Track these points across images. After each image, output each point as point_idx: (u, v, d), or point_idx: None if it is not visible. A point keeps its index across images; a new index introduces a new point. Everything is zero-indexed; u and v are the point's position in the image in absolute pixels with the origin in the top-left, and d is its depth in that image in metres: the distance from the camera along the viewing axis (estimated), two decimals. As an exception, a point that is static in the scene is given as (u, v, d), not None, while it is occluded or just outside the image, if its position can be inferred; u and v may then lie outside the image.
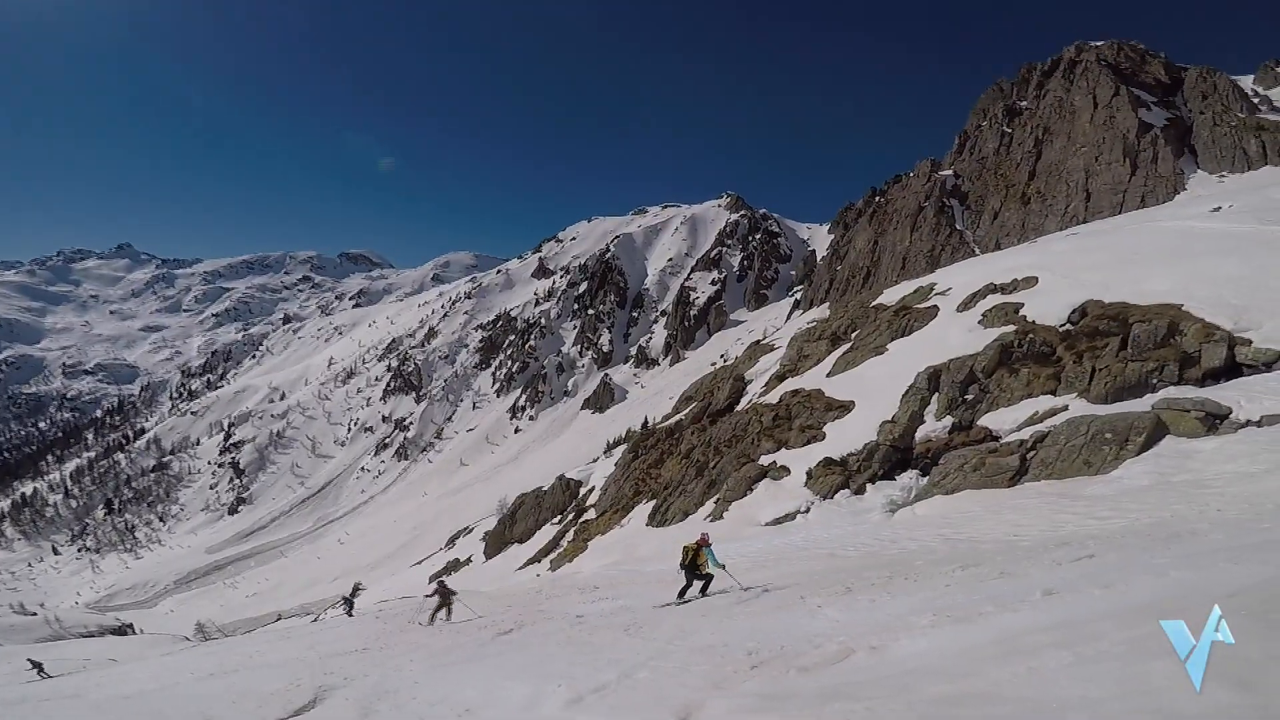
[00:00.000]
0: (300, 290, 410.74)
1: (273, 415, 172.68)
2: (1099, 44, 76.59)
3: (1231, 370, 15.91)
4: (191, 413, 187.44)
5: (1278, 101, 66.39)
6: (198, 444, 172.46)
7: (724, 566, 10.89)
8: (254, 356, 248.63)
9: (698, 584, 11.23)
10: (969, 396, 20.53)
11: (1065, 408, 17.08)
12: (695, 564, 11.12)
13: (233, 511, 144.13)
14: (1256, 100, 65.61)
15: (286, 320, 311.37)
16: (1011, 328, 22.39)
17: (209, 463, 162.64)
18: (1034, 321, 22.20)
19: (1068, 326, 21.10)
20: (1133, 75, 71.23)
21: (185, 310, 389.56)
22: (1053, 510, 11.51)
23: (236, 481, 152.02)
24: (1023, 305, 23.79)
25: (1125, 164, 64.06)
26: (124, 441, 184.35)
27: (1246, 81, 71.45)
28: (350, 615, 23.76)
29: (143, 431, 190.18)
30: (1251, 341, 16.23)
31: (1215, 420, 12.91)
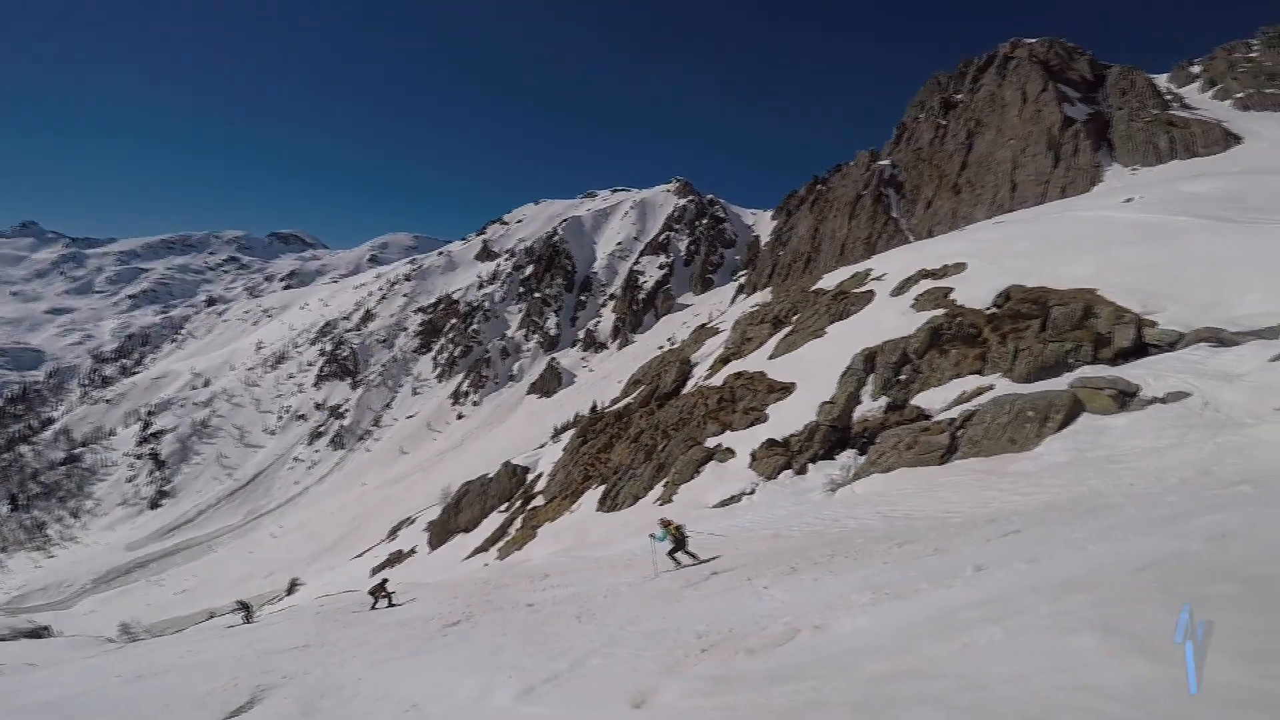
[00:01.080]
0: (225, 271, 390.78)
1: (196, 403, 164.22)
2: (1032, 41, 79.85)
3: (1140, 350, 16.99)
4: (105, 401, 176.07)
5: (1189, 99, 70.74)
6: (113, 434, 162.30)
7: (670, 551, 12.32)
8: (175, 341, 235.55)
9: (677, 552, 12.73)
10: (902, 377, 21.32)
11: (991, 387, 17.93)
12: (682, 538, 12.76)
13: (154, 506, 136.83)
14: (1170, 98, 69.73)
15: (210, 302, 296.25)
16: (942, 311, 23.32)
17: (126, 454, 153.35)
18: (962, 305, 23.21)
19: (993, 310, 22.13)
20: (1060, 71, 74.56)
21: (97, 292, 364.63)
22: (981, 487, 12.09)
23: (157, 474, 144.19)
24: (952, 290, 24.82)
25: (1049, 156, 67.16)
26: (29, 432, 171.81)
27: (1163, 80, 75.88)
28: (249, 622, 23.06)
29: (50, 421, 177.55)
30: (1157, 323, 17.44)
31: (1126, 398, 13.77)
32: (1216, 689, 2.61)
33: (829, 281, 36.51)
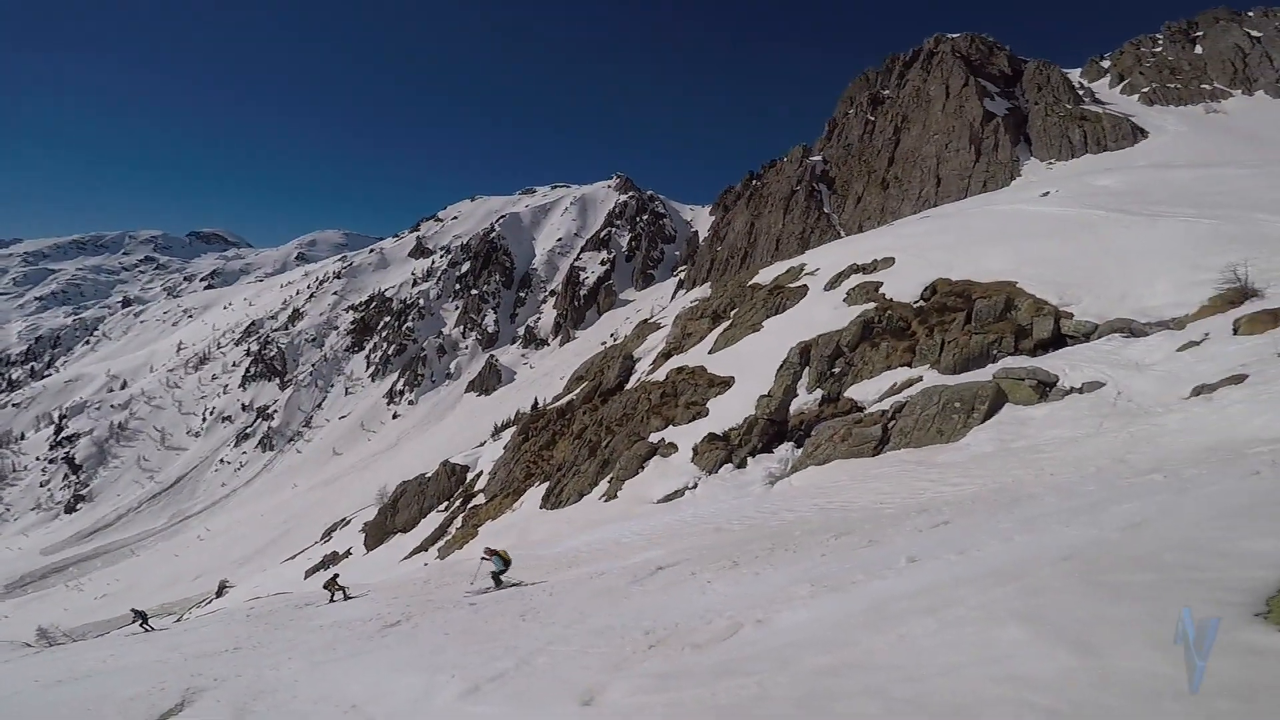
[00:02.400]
0: (142, 272, 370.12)
1: (113, 405, 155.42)
2: (955, 36, 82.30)
3: (1058, 341, 17.78)
4: (14, 404, 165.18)
5: (1100, 94, 74.24)
6: (22, 438, 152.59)
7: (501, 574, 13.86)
8: (88, 343, 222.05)
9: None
10: (836, 370, 21.88)
11: (920, 378, 18.50)
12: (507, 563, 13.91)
13: (70, 510, 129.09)
14: (1082, 93, 73.07)
15: (126, 303, 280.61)
16: (872, 305, 24.04)
17: (38, 458, 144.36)
18: (891, 299, 23.98)
19: (921, 303, 22.93)
20: (982, 66, 77.19)
21: (2, 294, 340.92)
22: (912, 478, 12.50)
23: (73, 478, 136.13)
24: (882, 284, 25.63)
25: (971, 150, 69.62)
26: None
27: (1076, 75, 79.33)
28: (146, 630, 22.24)
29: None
30: (1073, 315, 18.33)
31: (1045, 388, 14.44)
32: (1132, 678, 2.76)
33: (765, 276, 37.13)
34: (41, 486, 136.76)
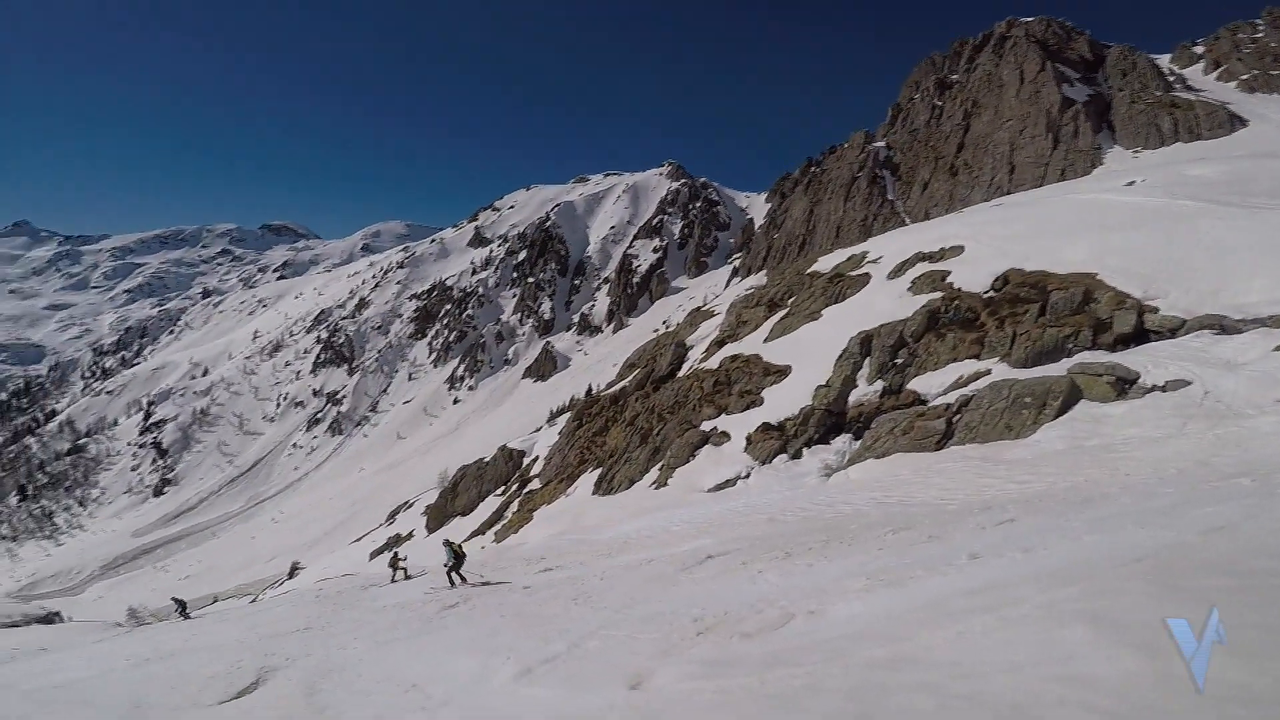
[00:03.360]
0: (219, 264, 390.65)
1: (195, 392, 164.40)
2: (1029, 20, 78.83)
3: (1140, 336, 16.78)
4: (107, 392, 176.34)
5: (1192, 80, 69.84)
6: (115, 424, 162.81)
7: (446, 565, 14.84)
8: (172, 332, 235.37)
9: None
10: (899, 361, 21.26)
11: (988, 372, 17.83)
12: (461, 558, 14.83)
13: (158, 493, 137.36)
14: (1172, 79, 68.92)
15: (206, 294, 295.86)
16: (939, 294, 23.20)
17: (129, 444, 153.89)
18: (960, 288, 23.04)
19: (991, 293, 22.01)
20: (1059, 52, 73.64)
21: (94, 287, 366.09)
22: (977, 474, 12.09)
23: (160, 462, 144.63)
24: (950, 273, 24.65)
25: (1048, 138, 66.53)
26: (34, 425, 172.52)
27: (1164, 61, 74.96)
28: (186, 618, 23.79)
29: (54, 413, 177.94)
30: (1159, 309, 17.25)
31: (1125, 385, 13.70)
32: (1205, 684, 2.62)
33: (824, 264, 36.36)
34: (132, 471, 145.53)
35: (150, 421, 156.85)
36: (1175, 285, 17.96)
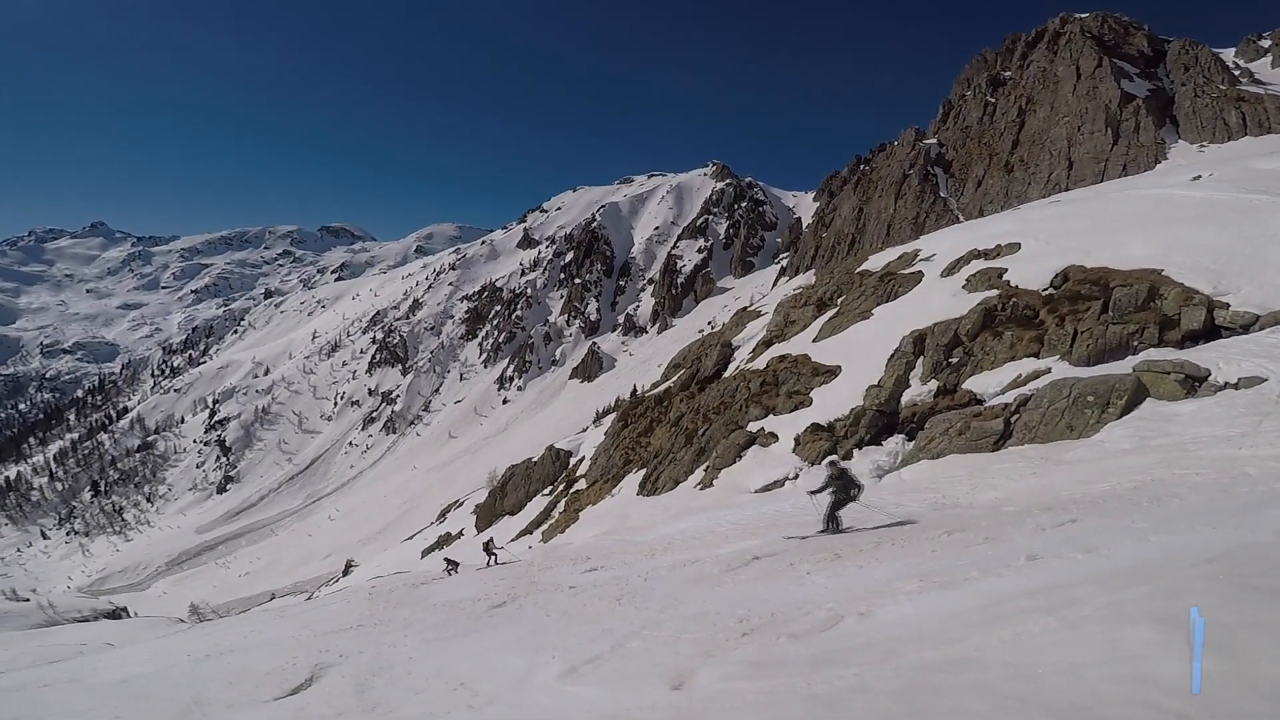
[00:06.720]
0: (281, 265, 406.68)
1: (257, 391, 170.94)
2: (1083, 16, 76.52)
3: (1210, 333, 16.00)
4: (175, 390, 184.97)
5: (1259, 74, 66.54)
6: (182, 422, 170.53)
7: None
8: (236, 331, 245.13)
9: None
10: (953, 360, 20.66)
11: (1048, 370, 17.21)
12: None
13: (221, 490, 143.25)
14: (1238, 73, 65.87)
15: (268, 295, 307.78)
16: (995, 292, 22.46)
17: (195, 441, 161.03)
18: (1017, 286, 22.27)
19: (1050, 291, 21.20)
20: (1116, 47, 71.24)
21: (164, 287, 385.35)
22: (1036, 474, 11.64)
23: (223, 459, 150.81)
24: (1006, 270, 23.83)
25: (1107, 134, 64.38)
26: (107, 421, 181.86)
27: (1228, 55, 71.68)
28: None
29: (126, 410, 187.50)
30: (1230, 305, 16.35)
31: (1194, 382, 13.06)
32: (1275, 686, 2.47)
33: (875, 262, 35.62)
34: (197, 468, 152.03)
35: (215, 419, 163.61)
36: (1247, 280, 16.99)
